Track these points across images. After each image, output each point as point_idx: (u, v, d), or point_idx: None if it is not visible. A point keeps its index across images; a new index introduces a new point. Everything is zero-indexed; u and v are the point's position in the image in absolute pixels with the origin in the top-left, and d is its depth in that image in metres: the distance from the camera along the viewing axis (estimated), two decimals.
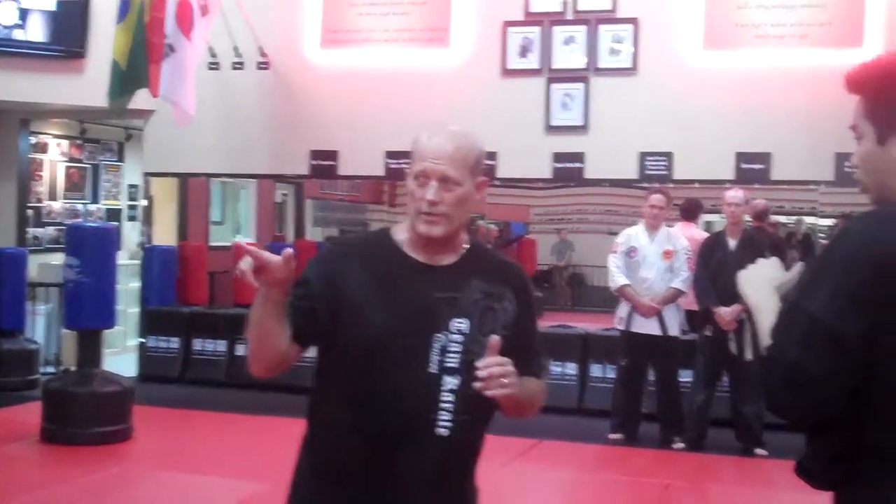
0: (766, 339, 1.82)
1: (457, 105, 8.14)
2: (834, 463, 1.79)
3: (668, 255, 6.88)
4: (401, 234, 2.37)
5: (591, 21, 8.09)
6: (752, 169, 7.78)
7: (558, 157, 8.20)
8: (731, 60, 7.78)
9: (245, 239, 11.51)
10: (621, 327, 6.95)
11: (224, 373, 8.69)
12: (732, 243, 6.80)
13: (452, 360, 2.27)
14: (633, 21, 8.00)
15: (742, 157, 7.78)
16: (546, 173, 8.29)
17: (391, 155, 8.38)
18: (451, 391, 2.25)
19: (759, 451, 6.71)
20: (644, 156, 7.99)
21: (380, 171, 8.57)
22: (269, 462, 6.36)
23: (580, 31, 8.13)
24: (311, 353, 2.35)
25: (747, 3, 7.68)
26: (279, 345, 2.23)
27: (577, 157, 8.15)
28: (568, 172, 8.27)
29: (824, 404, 1.72)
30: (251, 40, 8.56)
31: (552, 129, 8.20)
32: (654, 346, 6.85)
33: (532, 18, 8.22)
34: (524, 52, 8.28)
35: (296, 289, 2.23)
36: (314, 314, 2.29)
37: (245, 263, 2.08)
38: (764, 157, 7.72)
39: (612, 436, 6.98)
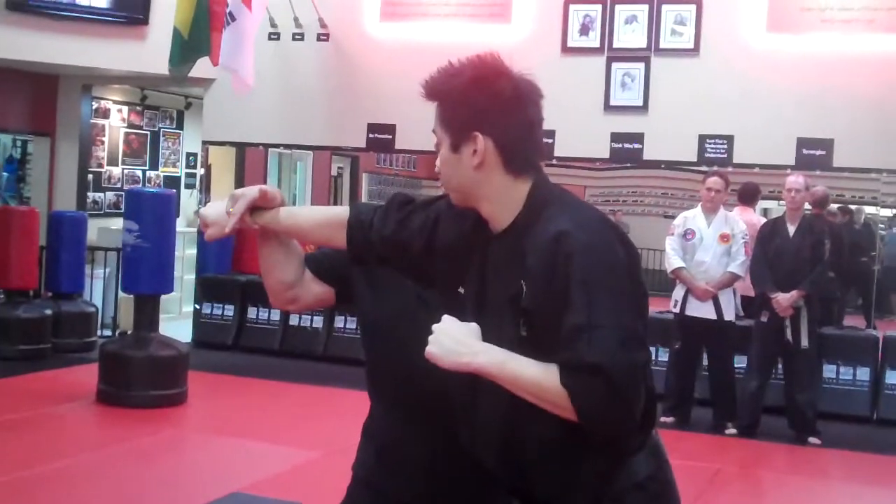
0: None
1: None
2: None
3: (725, 238, 6.81)
4: None
5: (654, 0, 8.01)
6: (813, 155, 7.67)
7: (616, 137, 8.14)
8: (795, 44, 7.66)
9: None
10: (676, 310, 6.90)
11: (278, 341, 8.79)
12: (791, 229, 6.71)
13: None
14: (696, 1, 7.90)
15: (803, 142, 7.67)
16: (604, 153, 8.24)
17: None
18: None
19: (812, 439, 6.64)
20: (704, 139, 7.91)
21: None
22: (320, 431, 6.44)
23: (642, 10, 8.04)
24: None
25: None
26: (283, 276, 2.31)
27: (636, 137, 8.09)
28: (626, 153, 8.22)
29: None
30: (311, 11, 8.59)
31: (611, 109, 8.15)
32: (708, 331, 6.80)
33: None
34: (585, 30, 8.22)
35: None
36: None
37: (234, 206, 2.17)
38: (826, 144, 7.61)
39: (664, 419, 6.95)
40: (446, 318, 1.92)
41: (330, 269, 2.39)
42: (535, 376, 1.81)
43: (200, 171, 10.84)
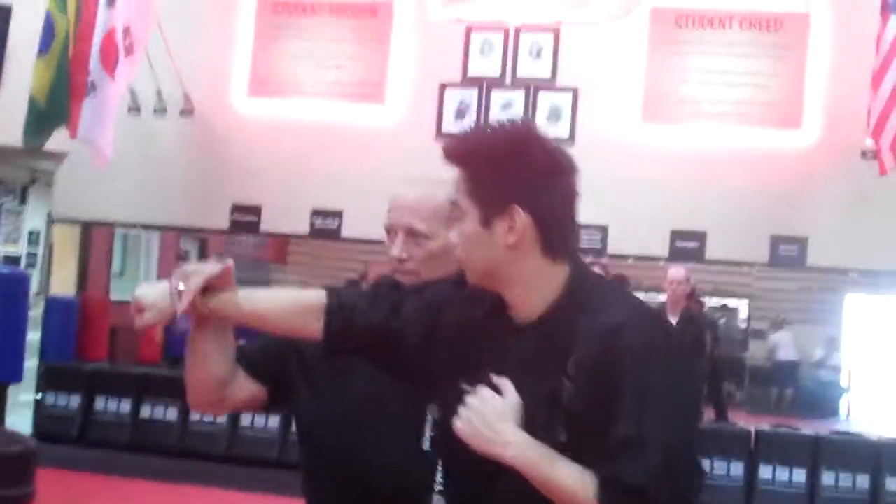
0: None
1: (389, 165, 7.87)
2: None
3: None
4: None
5: (530, 87, 7.96)
6: (686, 247, 7.69)
7: None
8: (670, 135, 7.70)
9: None
10: None
11: (128, 435, 8.18)
12: (672, 321, 6.67)
13: None
14: (572, 90, 7.90)
15: (677, 234, 7.69)
16: None
17: (317, 213, 8.07)
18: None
19: None
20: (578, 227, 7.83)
21: (304, 228, 8.23)
22: None
23: (518, 97, 7.99)
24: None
25: (688, 78, 7.65)
26: (217, 371, 2.03)
27: None
28: None
29: None
30: (176, 84, 8.18)
31: None
32: None
33: (470, 82, 8.05)
34: (461, 114, 8.09)
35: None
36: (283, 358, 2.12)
37: (186, 284, 1.85)
38: (699, 236, 7.64)
39: None
40: (483, 394, 1.70)
41: (266, 366, 2.12)
42: (568, 484, 1.64)
43: (42, 250, 10.16)
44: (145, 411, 8.14)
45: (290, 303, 1.95)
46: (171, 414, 8.16)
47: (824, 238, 7.39)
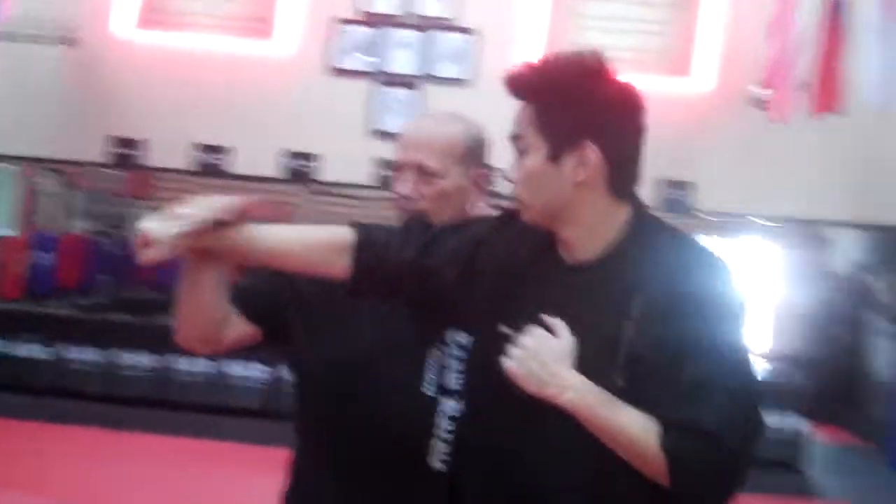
0: None
1: (277, 101, 7.71)
2: None
3: None
4: None
5: (429, 27, 7.82)
6: None
7: (386, 164, 7.87)
8: None
9: (5, 231, 10.56)
10: None
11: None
12: None
13: (453, 381, 1.95)
14: (472, 31, 7.79)
15: None
16: (372, 180, 7.95)
17: (202, 148, 7.80)
18: (451, 418, 1.93)
19: None
20: None
21: (188, 164, 7.94)
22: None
23: (415, 35, 7.84)
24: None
25: (588, 24, 7.64)
26: (214, 310, 1.91)
27: None
28: None
29: None
30: (57, 12, 7.72)
31: (380, 135, 7.87)
32: None
33: (366, 18, 7.85)
34: (354, 52, 7.90)
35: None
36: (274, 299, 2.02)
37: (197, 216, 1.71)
38: None
39: None
40: (537, 333, 1.62)
41: (262, 307, 2.02)
42: (630, 431, 1.56)
43: None
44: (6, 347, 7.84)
45: (312, 239, 1.83)
46: (37, 351, 7.92)
47: (712, 184, 7.55)
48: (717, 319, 1.58)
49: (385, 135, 7.79)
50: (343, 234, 1.81)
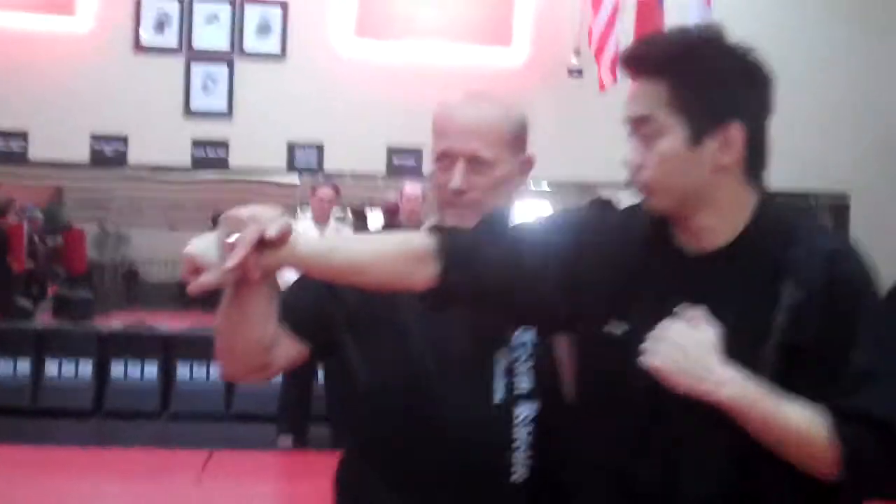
0: None
1: (80, 81, 7.29)
2: None
3: None
4: None
5: (238, 0, 7.53)
6: (403, 164, 7.62)
7: (198, 143, 7.55)
8: (383, 51, 7.56)
9: None
10: None
11: None
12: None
13: (522, 383, 1.79)
14: (281, 3, 7.54)
15: (394, 151, 7.60)
16: (185, 161, 7.61)
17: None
18: (524, 423, 1.78)
19: None
20: (293, 146, 7.58)
21: None
22: None
23: (224, 10, 7.53)
24: None
25: None
26: (264, 334, 1.68)
27: (220, 144, 7.55)
28: (210, 161, 7.64)
29: None
30: None
31: (192, 114, 7.54)
32: None
33: None
34: (161, 27, 7.53)
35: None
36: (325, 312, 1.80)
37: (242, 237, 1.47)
38: (416, 153, 7.59)
39: (283, 439, 6.55)
40: (677, 326, 1.48)
41: (310, 322, 1.78)
42: (797, 423, 1.45)
43: None
44: None
45: (388, 249, 1.61)
46: None
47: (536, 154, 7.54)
48: (874, 306, 1.52)
49: (198, 115, 7.50)
50: (420, 241, 1.61)
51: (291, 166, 7.61)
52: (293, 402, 6.62)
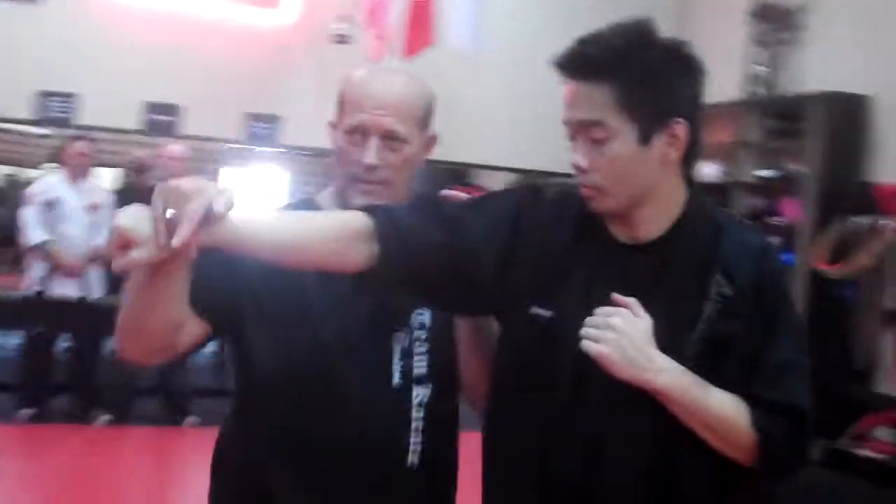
0: None
1: None
2: None
3: (94, 208, 6.31)
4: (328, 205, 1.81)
5: None
6: (161, 120, 7.40)
7: None
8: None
9: None
10: (37, 289, 6.22)
11: None
12: None
13: (419, 365, 1.79)
14: None
15: (152, 107, 7.37)
16: None
17: None
18: (420, 405, 1.78)
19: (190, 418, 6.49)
20: (43, 96, 7.21)
21: None
22: None
23: None
24: None
25: None
26: (176, 314, 1.60)
27: None
28: None
29: None
30: None
31: None
32: (73, 311, 6.24)
33: None
34: None
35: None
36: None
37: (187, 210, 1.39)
38: (174, 109, 7.39)
39: (24, 412, 6.25)
40: (621, 314, 1.51)
41: (216, 301, 1.70)
42: (724, 411, 1.54)
43: None
44: None
45: (325, 228, 1.55)
46: None
47: (297, 118, 7.52)
48: (790, 302, 1.61)
49: None
50: (357, 221, 1.57)
51: (42, 117, 7.24)
52: (33, 373, 6.36)
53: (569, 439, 1.60)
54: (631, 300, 1.54)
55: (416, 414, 1.78)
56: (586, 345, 1.52)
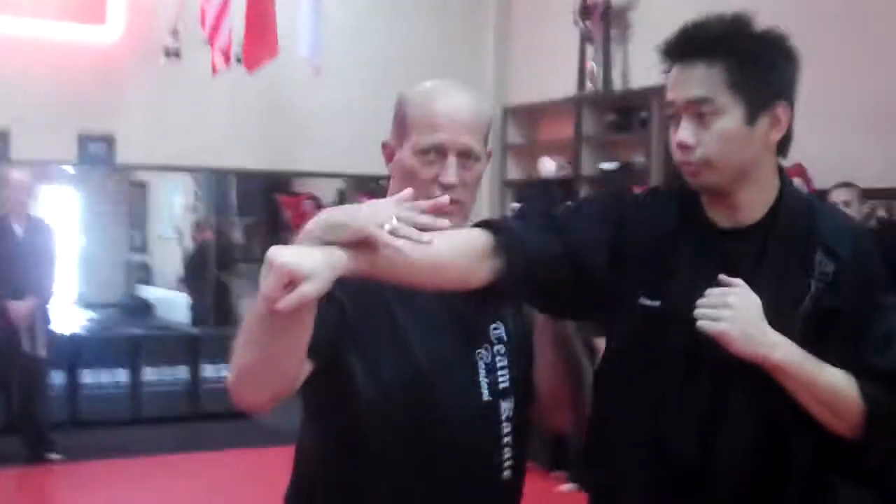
0: None
1: None
2: None
3: None
4: None
5: None
6: None
7: None
8: None
9: None
10: None
11: None
12: (19, 230, 6.25)
13: (503, 379, 1.74)
14: None
15: None
16: None
17: None
18: (507, 419, 1.73)
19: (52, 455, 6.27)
20: None
21: None
22: None
23: None
24: None
25: None
26: (302, 355, 1.54)
27: None
28: None
29: None
30: None
31: None
32: None
33: None
34: None
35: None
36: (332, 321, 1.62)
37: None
38: (2, 135, 7.08)
39: None
40: (736, 291, 1.55)
41: (323, 337, 1.57)
42: (833, 383, 1.58)
43: None
44: None
45: (452, 246, 1.54)
46: None
47: (131, 136, 7.31)
48: (886, 276, 1.67)
49: None
50: (478, 237, 1.58)
51: None
52: None
53: (682, 423, 1.64)
54: (738, 280, 1.59)
55: (506, 428, 1.77)
56: (704, 324, 1.56)
